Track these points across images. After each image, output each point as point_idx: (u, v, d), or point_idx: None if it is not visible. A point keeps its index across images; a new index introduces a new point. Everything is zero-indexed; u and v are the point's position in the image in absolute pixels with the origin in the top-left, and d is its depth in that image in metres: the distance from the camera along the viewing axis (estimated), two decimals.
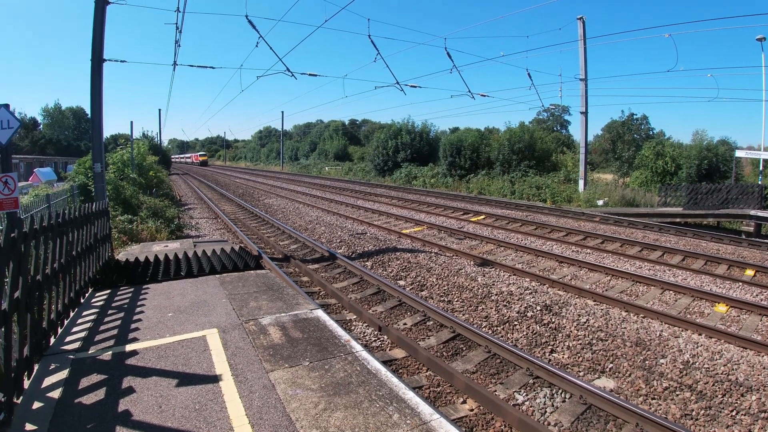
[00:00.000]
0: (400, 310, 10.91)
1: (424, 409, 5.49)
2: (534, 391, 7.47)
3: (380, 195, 36.50)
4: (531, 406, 7.05)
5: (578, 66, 29.74)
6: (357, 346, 7.29)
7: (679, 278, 13.60)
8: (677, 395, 7.44)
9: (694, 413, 6.97)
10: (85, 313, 8.61)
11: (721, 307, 11.23)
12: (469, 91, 29.39)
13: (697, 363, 8.40)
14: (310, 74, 24.62)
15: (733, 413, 6.97)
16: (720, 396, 7.39)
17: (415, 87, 28.02)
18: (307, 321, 8.32)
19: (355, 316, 10.46)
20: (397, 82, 25.86)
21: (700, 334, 9.66)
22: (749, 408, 7.07)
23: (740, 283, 13.08)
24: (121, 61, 19.02)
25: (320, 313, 8.77)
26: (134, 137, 36.91)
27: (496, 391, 7.43)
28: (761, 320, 10.52)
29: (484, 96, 34.44)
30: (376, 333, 9.56)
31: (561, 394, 7.32)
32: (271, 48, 21.33)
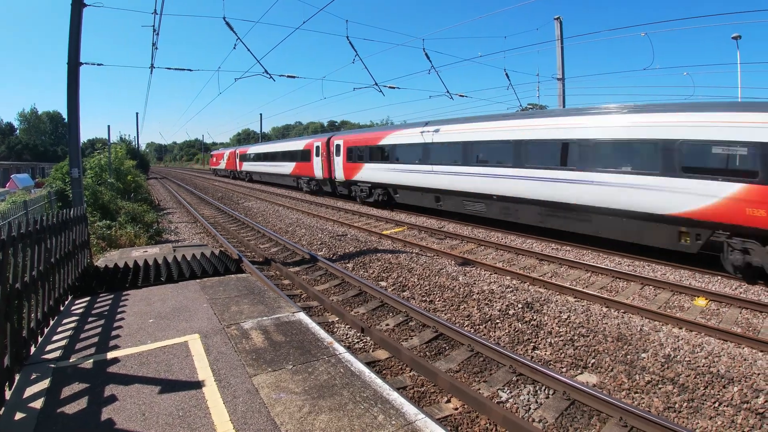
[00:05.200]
0: (383, 311, 10.90)
1: (409, 409, 5.48)
2: (518, 388, 7.49)
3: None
4: (515, 404, 7.07)
5: (555, 65, 29.92)
6: (340, 348, 7.26)
7: (659, 273, 13.72)
8: (660, 388, 7.49)
9: (677, 406, 7.03)
10: (65, 321, 8.47)
11: (701, 301, 11.35)
12: (448, 92, 29.22)
13: (679, 356, 8.49)
14: (288, 76, 24.42)
15: (716, 405, 7.03)
16: (702, 388, 7.46)
17: (393, 88, 27.86)
18: (289, 324, 8.26)
19: (337, 318, 10.43)
20: (376, 83, 25.75)
21: (680, 328, 9.77)
22: (731, 399, 7.15)
23: (719, 276, 13.22)
24: (98, 65, 18.88)
25: (302, 316, 8.72)
26: (111, 141, 36.51)
27: (480, 389, 7.44)
28: (741, 313, 10.66)
29: (463, 96, 34.50)
30: (358, 334, 9.53)
31: (544, 390, 7.35)
32: (248, 50, 21.12)
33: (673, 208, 14.03)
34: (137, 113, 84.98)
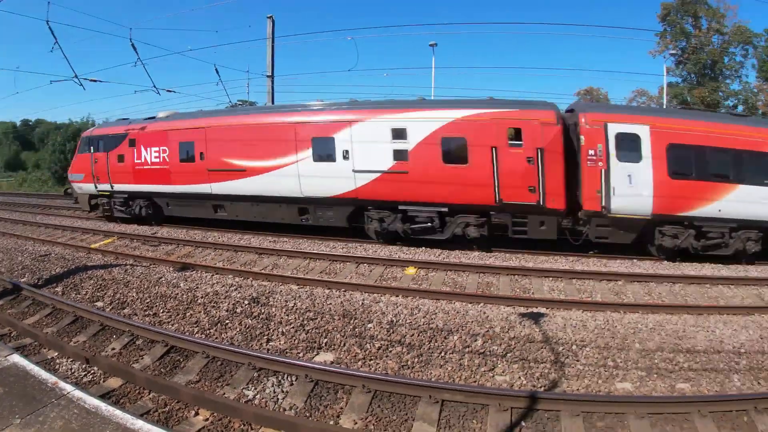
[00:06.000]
0: (105, 334, 10.09)
1: None
2: (261, 383, 7.61)
3: (63, 207, 32.68)
4: (263, 398, 7.18)
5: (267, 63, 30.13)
6: (68, 387, 6.59)
7: (370, 251, 14.92)
8: (391, 351, 8.29)
9: (409, 363, 7.87)
10: None
11: (411, 270, 12.66)
12: (154, 86, 27.60)
13: (401, 320, 9.43)
14: None
15: (443, 354, 8.08)
16: (427, 343, 8.47)
17: (95, 81, 25.57)
18: (4, 371, 7.19)
19: (57, 353, 9.35)
20: (76, 76, 23.30)
21: (397, 296, 10.84)
22: (454, 347, 8.27)
23: (423, 248, 14.85)
24: None
25: (17, 358, 7.67)
26: None
27: (225, 393, 7.39)
28: (446, 275, 12.33)
29: (170, 92, 32.31)
30: (84, 366, 8.66)
31: (287, 378, 7.60)
32: None
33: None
34: None
